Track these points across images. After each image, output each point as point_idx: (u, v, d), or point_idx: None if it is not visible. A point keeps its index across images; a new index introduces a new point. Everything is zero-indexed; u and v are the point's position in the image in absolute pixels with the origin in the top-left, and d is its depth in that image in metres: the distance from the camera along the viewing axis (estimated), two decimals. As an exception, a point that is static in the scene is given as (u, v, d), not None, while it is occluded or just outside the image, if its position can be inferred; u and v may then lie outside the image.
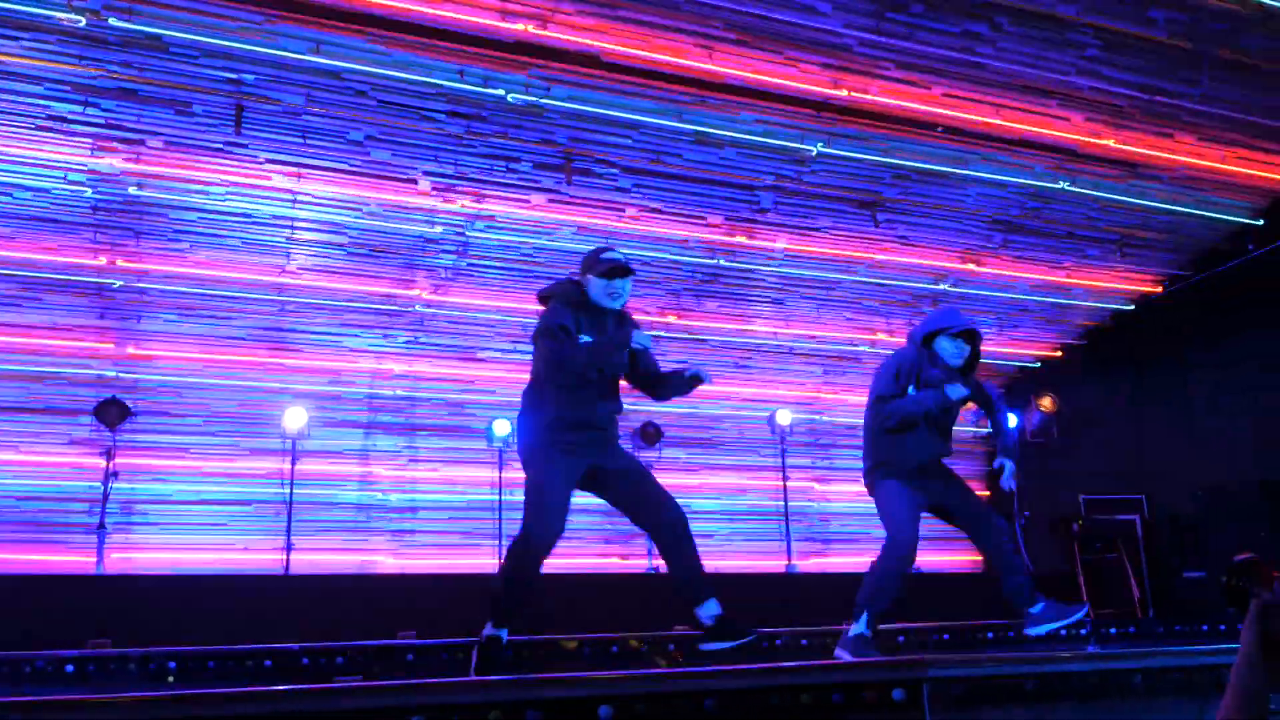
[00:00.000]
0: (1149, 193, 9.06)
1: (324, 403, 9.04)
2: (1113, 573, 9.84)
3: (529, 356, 9.48)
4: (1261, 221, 9.44)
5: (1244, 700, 1.81)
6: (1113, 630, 7.44)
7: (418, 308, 8.92)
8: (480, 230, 8.32)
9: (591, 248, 4.64)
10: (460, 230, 8.29)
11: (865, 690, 3.21)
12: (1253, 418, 9.60)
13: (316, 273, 8.47)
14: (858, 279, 9.61)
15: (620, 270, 4.40)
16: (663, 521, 4.65)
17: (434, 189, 7.87)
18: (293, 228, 8.03)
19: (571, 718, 2.92)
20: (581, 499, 9.54)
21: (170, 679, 5.27)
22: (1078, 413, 10.77)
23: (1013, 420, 10.49)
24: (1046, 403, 10.71)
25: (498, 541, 8.88)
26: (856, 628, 4.94)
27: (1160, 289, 10.33)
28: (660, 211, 8.50)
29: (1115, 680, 3.66)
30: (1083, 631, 7.17)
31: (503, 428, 9.14)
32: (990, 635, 6.90)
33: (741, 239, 8.96)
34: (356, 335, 9.01)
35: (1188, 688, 3.75)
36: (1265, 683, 1.82)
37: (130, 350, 8.57)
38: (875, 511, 5.22)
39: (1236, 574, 1.98)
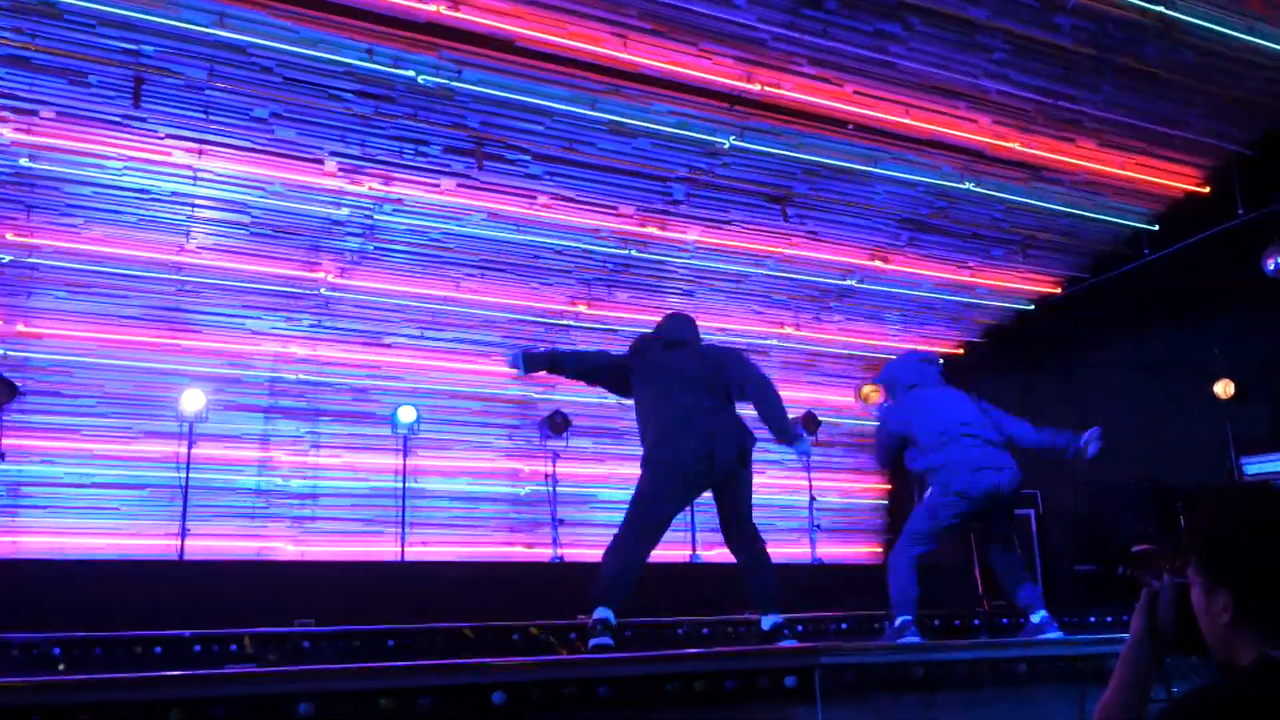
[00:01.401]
0: (1051, 196, 9.33)
1: (223, 386, 8.85)
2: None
3: (438, 343, 9.41)
4: (1156, 227, 9.78)
5: (1128, 688, 1.88)
6: (1004, 621, 7.66)
7: (322, 291, 8.78)
8: (388, 214, 8.22)
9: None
10: (367, 213, 8.18)
11: (759, 677, 3.27)
12: (1142, 417, 9.97)
13: (217, 252, 8.28)
14: (768, 273, 9.73)
15: None
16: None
17: (340, 170, 7.75)
18: (193, 205, 7.84)
19: (464, 704, 2.93)
20: (488, 488, 9.45)
21: (60, 666, 5.14)
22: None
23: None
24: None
25: (400, 529, 8.80)
26: None
27: (1059, 290, 10.66)
28: (572, 200, 8.49)
29: (1000, 669, 3.79)
30: (975, 623, 7.38)
31: (408, 414, 9.06)
32: (886, 624, 7.04)
33: (653, 230, 9.00)
34: (258, 317, 8.83)
35: (1070, 676, 3.90)
36: (1150, 671, 1.88)
37: (19, 328, 8.28)
38: (776, 503, 5.46)
39: (1132, 564, 2.05)
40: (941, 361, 6.08)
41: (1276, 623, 1.61)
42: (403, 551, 8.73)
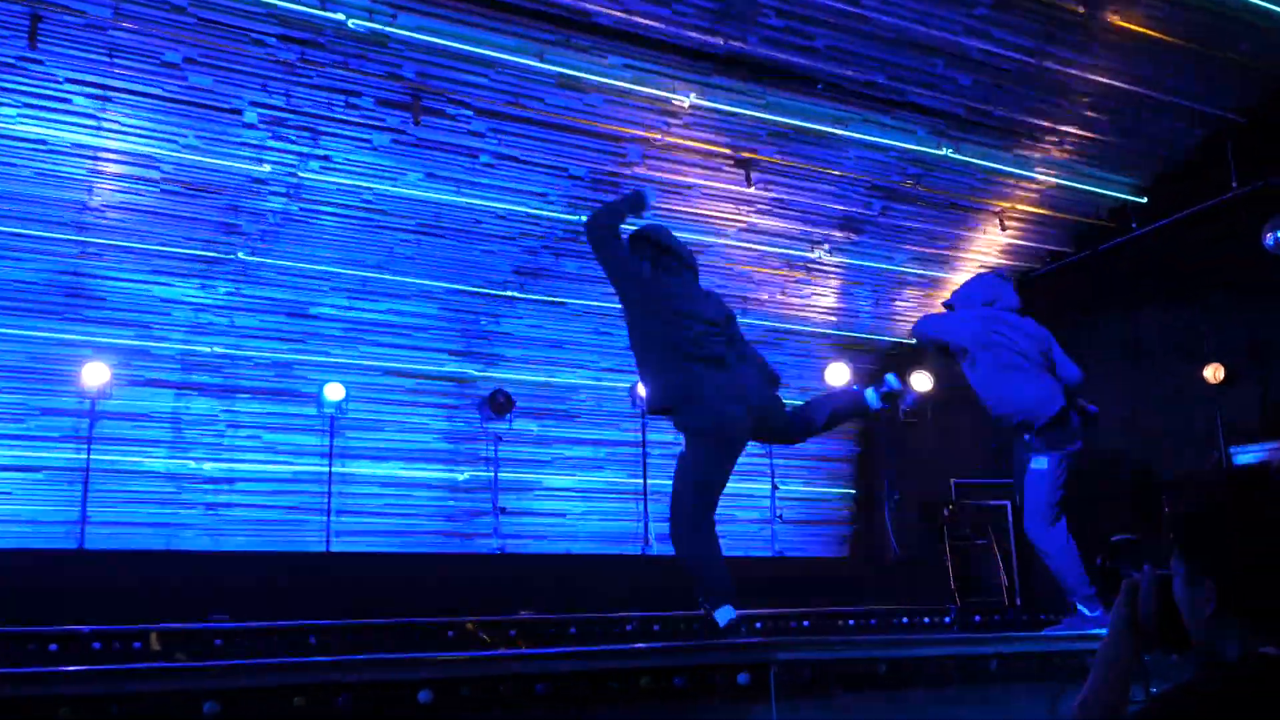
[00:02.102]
0: (1033, 165, 9.41)
1: (129, 359, 8.71)
2: (982, 559, 10.25)
3: (369, 314, 9.34)
4: (1145, 199, 9.89)
5: (1106, 684, 1.89)
6: (977, 618, 7.76)
7: (241, 255, 8.64)
8: (315, 171, 8.10)
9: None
10: (291, 171, 8.06)
11: (710, 674, 3.27)
12: (1128, 402, 10.10)
13: (123, 211, 8.12)
14: (730, 243, 9.72)
15: None
16: None
17: (262, 123, 7.62)
18: (96, 159, 7.67)
19: (387, 703, 2.90)
20: (423, 473, 9.40)
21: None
22: (952, 393, 11.14)
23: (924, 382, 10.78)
24: (921, 381, 11.04)
25: (326, 517, 8.74)
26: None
27: (1040, 266, 10.75)
28: (518, 160, 8.42)
29: (970, 665, 3.82)
30: (947, 620, 7.47)
31: (335, 392, 8.97)
32: (851, 623, 7.13)
33: (606, 195, 8.94)
34: (169, 284, 8.68)
35: (1042, 673, 3.94)
36: (1130, 666, 1.90)
37: (-102, 292, 8.10)
38: (739, 493, 5.53)
39: (1112, 554, 2.07)
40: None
41: (1263, 615, 1.63)
42: (328, 541, 8.67)
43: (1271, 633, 1.62)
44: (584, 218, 9.00)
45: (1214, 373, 9.47)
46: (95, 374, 8.29)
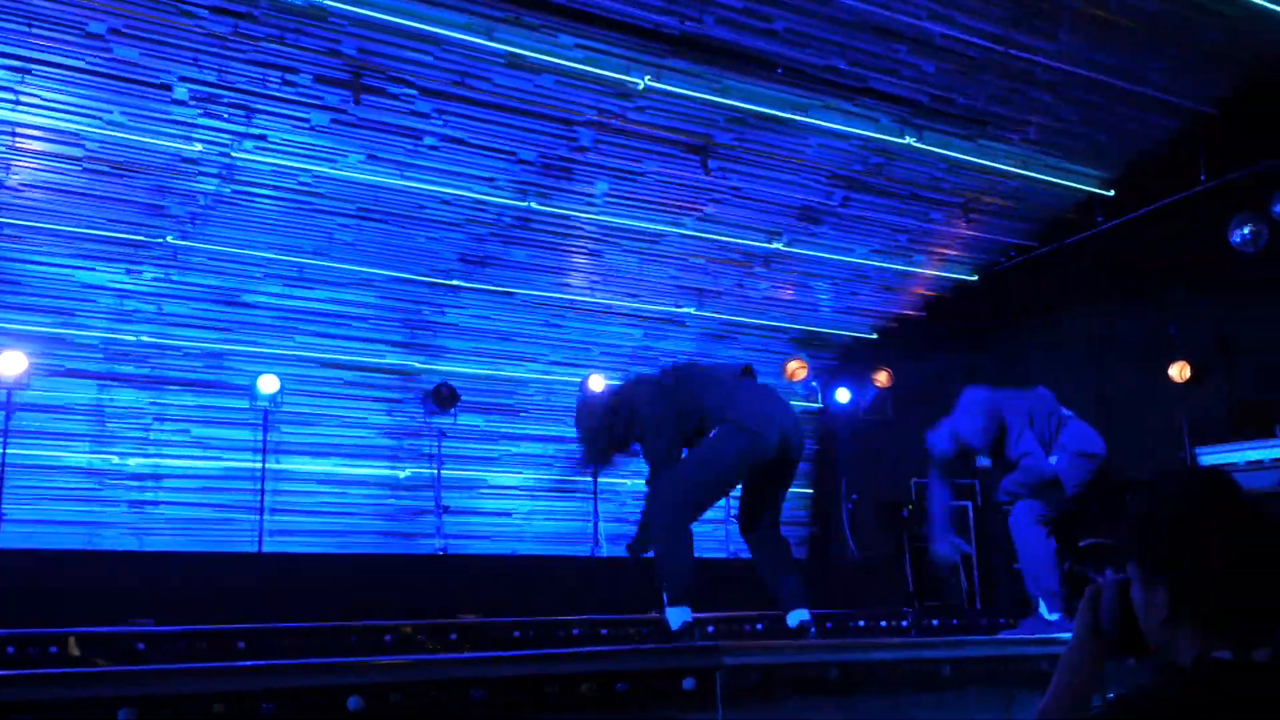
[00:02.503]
0: (998, 155, 9.49)
1: (49, 348, 8.59)
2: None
3: (306, 303, 9.27)
4: (1112, 192, 10.01)
5: (1067, 691, 1.91)
6: (935, 623, 7.82)
7: (170, 239, 8.53)
8: (248, 151, 8.02)
9: None
10: (224, 150, 7.97)
11: (653, 679, 3.27)
12: (1092, 401, 10.22)
13: (44, 191, 7.99)
14: (686, 232, 9.73)
15: None
16: None
17: (193, 99, 7.52)
18: (14, 135, 7.54)
19: (315, 710, 2.88)
20: (362, 470, 9.33)
21: None
22: (913, 390, 11.24)
23: (844, 394, 10.88)
24: (882, 378, 11.13)
25: (258, 516, 8.66)
26: None
27: (1005, 259, 10.85)
28: (464, 143, 8.38)
29: (923, 670, 3.85)
30: (904, 624, 7.53)
31: (269, 384, 8.89)
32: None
33: (556, 180, 8.93)
34: (92, 269, 8.57)
35: (997, 678, 3.98)
36: (1092, 674, 1.92)
37: None
38: None
39: (1080, 559, 2.09)
40: None
41: (1215, 618, 1.65)
42: (260, 542, 8.59)
43: (1225, 637, 1.64)
44: (534, 203, 9.02)
45: (1180, 371, 9.61)
46: (12, 363, 8.16)
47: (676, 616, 4.89)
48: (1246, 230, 9.08)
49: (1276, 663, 1.61)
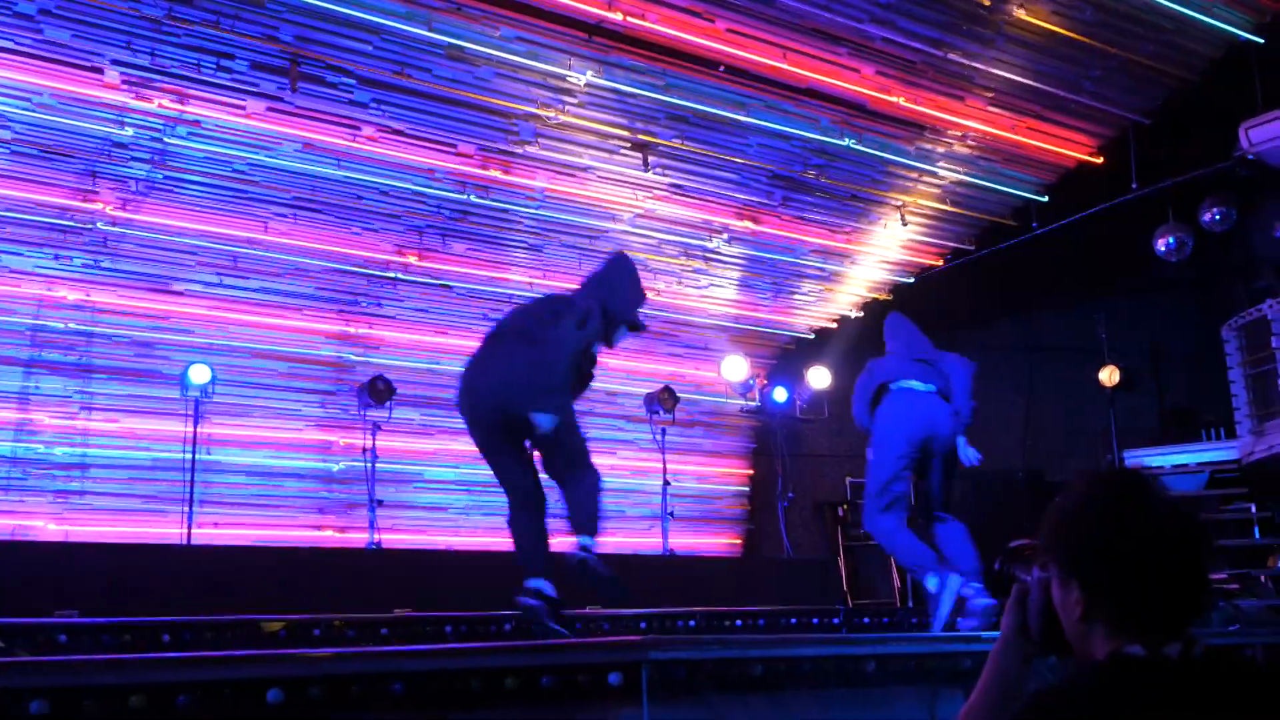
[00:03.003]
0: (936, 159, 9.59)
1: (-26, 334, 8.40)
2: (875, 561, 10.45)
3: (239, 292, 9.16)
4: (1046, 198, 10.16)
5: (993, 690, 1.93)
6: (865, 620, 7.89)
7: (99, 225, 8.37)
8: (181, 137, 7.89)
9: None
10: (157, 135, 7.84)
11: (578, 674, 3.26)
12: (1025, 404, 10.38)
13: (-31, 173, 7.83)
14: (625, 229, 9.74)
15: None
16: None
17: (124, 83, 7.39)
18: (-61, 116, 7.38)
19: (233, 703, 2.84)
20: (295, 462, 9.20)
21: None
22: (849, 390, 11.31)
23: (781, 394, 10.94)
24: (818, 378, 11.20)
25: (187, 507, 8.52)
26: None
27: (941, 262, 10.97)
28: (403, 134, 8.31)
29: (848, 667, 3.87)
30: (835, 620, 7.58)
31: (200, 374, 8.75)
32: (739, 623, 7.18)
33: (496, 174, 8.89)
34: (19, 254, 8.36)
35: (921, 675, 4.02)
36: (1017, 673, 1.94)
37: None
38: (630, 489, 5.83)
39: (1009, 560, 2.11)
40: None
41: (1125, 616, 1.68)
42: (189, 533, 8.46)
43: (1137, 633, 1.66)
44: (473, 196, 8.97)
45: (1109, 375, 9.78)
46: (-65, 348, 7.96)
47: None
48: (1171, 240, 9.26)
49: (1187, 658, 1.64)
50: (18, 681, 2.67)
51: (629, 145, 8.84)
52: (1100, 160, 9.77)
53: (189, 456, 8.75)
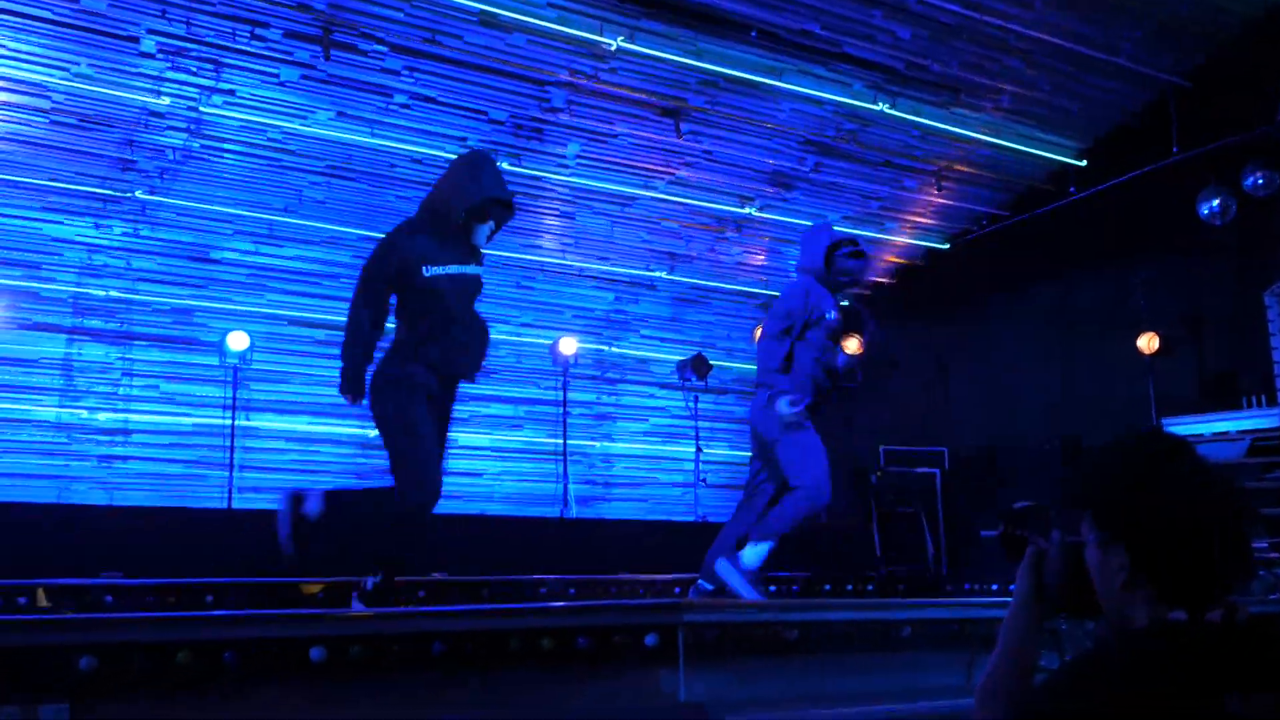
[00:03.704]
0: (971, 123, 9.50)
1: (17, 301, 8.52)
2: (909, 528, 10.43)
3: (275, 260, 9.23)
4: (1084, 162, 10.05)
5: (1012, 653, 1.92)
6: (901, 587, 7.91)
7: (138, 194, 8.46)
8: (217, 106, 7.94)
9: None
10: (193, 105, 7.89)
11: (615, 634, 3.30)
12: (1060, 371, 10.31)
13: (11, 143, 7.90)
14: (657, 195, 9.72)
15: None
16: None
17: (161, 52, 7.43)
18: (-20, 85, 7.46)
19: (277, 661, 2.89)
20: (331, 428, 9.30)
21: None
22: (883, 357, 11.29)
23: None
24: (852, 345, 11.16)
25: (227, 472, 8.63)
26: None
27: (977, 228, 10.89)
28: (435, 102, 8.33)
29: (882, 632, 3.89)
30: (870, 587, 7.61)
31: (239, 341, 8.84)
32: (773, 589, 7.21)
33: (529, 140, 8.89)
34: (60, 223, 8.49)
35: (957, 640, 4.02)
36: (1035, 636, 1.93)
37: None
38: (660, 455, 5.59)
39: (1015, 522, 2.09)
40: None
41: (1172, 582, 1.66)
42: (230, 498, 8.57)
43: (1180, 599, 1.65)
44: (506, 164, 8.97)
45: (1148, 342, 9.68)
46: (-22, 316, 8.08)
47: None
48: (1215, 203, 9.14)
49: (1229, 625, 1.64)
50: (69, 638, 2.73)
51: (660, 111, 8.81)
52: (1139, 124, 9.64)
53: (229, 422, 8.86)
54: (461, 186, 4.77)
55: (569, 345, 10.29)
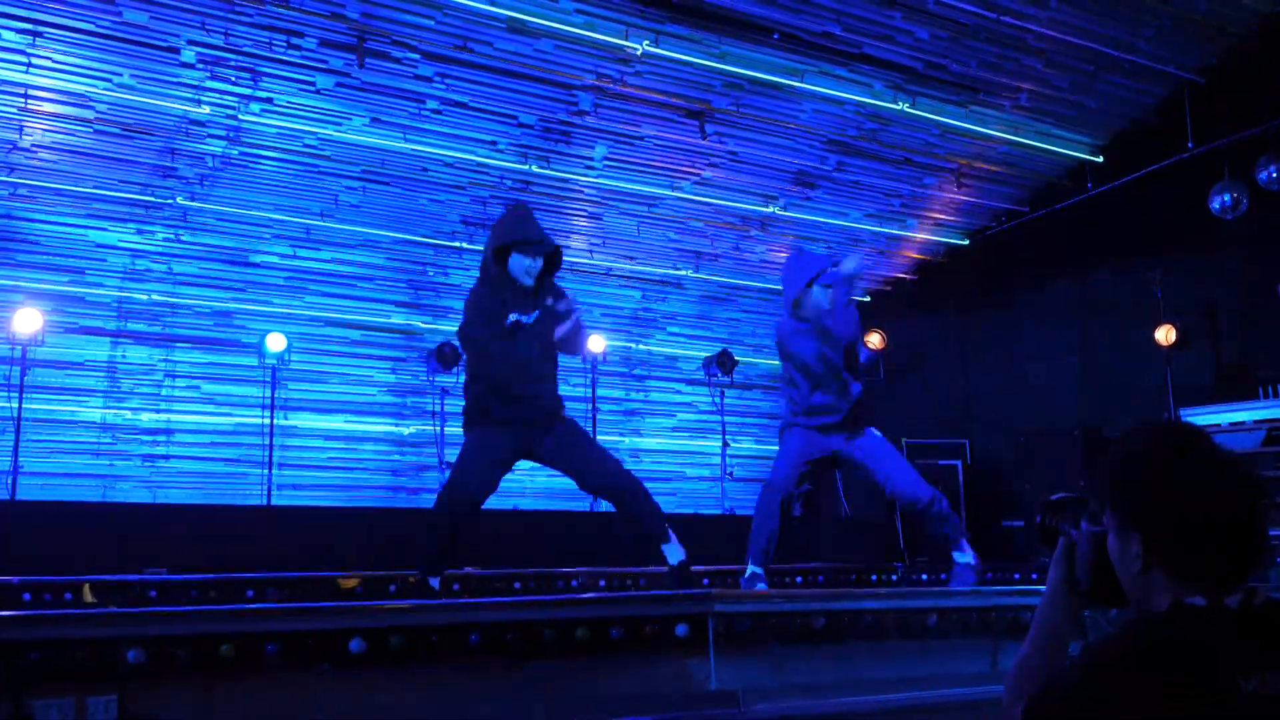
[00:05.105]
0: (990, 121, 9.44)
1: (63, 305, 8.56)
2: (931, 519, 10.36)
3: (312, 263, 9.27)
4: (1101, 159, 9.97)
5: (1044, 642, 1.91)
6: (924, 576, 7.86)
7: (179, 200, 8.50)
8: (255, 114, 7.97)
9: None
10: (231, 112, 7.92)
11: (647, 624, 3.29)
12: (1079, 363, 10.23)
13: (56, 152, 7.95)
14: (683, 196, 9.70)
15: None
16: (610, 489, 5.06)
17: (200, 62, 7.47)
18: (26, 96, 7.47)
19: (317, 652, 2.89)
20: (368, 426, 9.28)
21: None
22: (905, 352, 11.24)
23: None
24: (875, 340, 11.11)
25: (266, 470, 8.67)
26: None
27: (996, 224, 10.82)
28: (466, 107, 8.33)
29: (908, 620, 3.87)
30: (893, 577, 7.57)
31: (277, 342, 8.88)
32: (799, 580, 7.19)
33: (557, 143, 8.89)
34: (104, 229, 8.54)
35: (982, 628, 4.00)
36: (1067, 626, 1.92)
37: None
38: (686, 449, 5.60)
39: (1051, 513, 2.08)
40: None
41: (1186, 567, 1.65)
42: (269, 495, 8.61)
43: (1198, 584, 1.64)
44: (535, 166, 8.98)
45: (1166, 334, 9.59)
46: (27, 320, 8.09)
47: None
48: (1226, 198, 9.07)
49: (1248, 609, 1.62)
50: (117, 632, 2.74)
51: (685, 113, 8.79)
52: (1155, 120, 9.56)
53: (268, 422, 8.89)
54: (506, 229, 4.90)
55: (598, 343, 10.28)
